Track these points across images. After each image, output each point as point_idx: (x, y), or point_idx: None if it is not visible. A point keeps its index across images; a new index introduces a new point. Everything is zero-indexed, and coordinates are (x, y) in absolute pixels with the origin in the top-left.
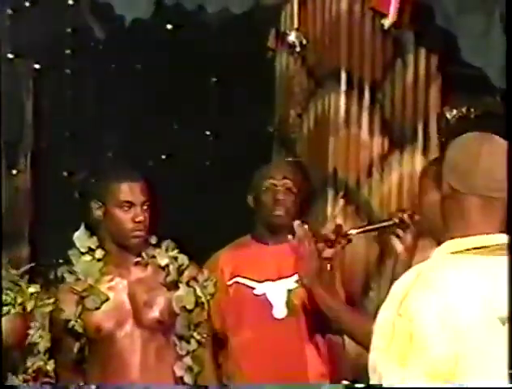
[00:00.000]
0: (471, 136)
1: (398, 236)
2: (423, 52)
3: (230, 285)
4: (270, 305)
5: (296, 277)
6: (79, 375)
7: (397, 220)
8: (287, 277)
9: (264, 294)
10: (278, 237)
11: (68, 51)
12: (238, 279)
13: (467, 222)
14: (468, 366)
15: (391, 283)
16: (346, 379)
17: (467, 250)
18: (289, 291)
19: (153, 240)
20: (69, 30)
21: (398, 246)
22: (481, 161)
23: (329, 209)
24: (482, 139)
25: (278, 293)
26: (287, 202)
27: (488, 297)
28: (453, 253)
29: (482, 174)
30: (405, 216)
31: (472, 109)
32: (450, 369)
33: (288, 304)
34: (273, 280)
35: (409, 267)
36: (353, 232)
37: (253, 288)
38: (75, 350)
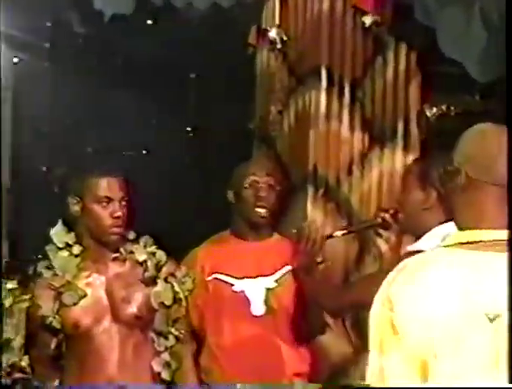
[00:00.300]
0: (486, 126)
1: (381, 235)
2: (403, 49)
3: (209, 281)
4: (249, 302)
5: (276, 276)
6: (57, 371)
7: (380, 220)
8: (266, 275)
9: (243, 291)
10: (258, 233)
11: (47, 45)
12: (217, 275)
13: (482, 212)
14: (445, 357)
15: (375, 282)
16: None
17: (461, 243)
18: (268, 289)
19: (131, 236)
20: (48, 24)
21: (383, 246)
22: (503, 150)
23: (309, 206)
24: (498, 129)
25: (256, 291)
26: (269, 199)
27: (473, 292)
28: (445, 246)
29: (503, 163)
30: (387, 216)
31: (452, 107)
32: (425, 358)
33: (267, 302)
34: (252, 277)
35: (395, 264)
36: (338, 233)
37: (232, 285)
38: (53, 346)
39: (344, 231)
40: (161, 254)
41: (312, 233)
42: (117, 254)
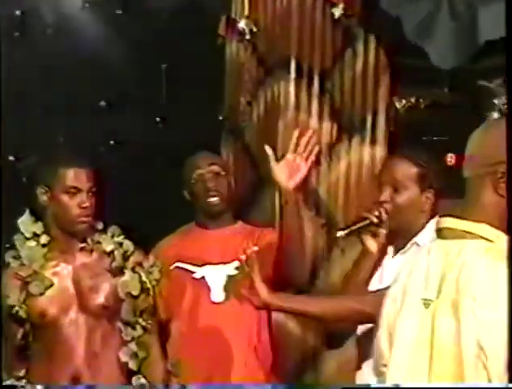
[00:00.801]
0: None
1: (374, 233)
2: (372, 41)
3: (172, 270)
4: (209, 289)
5: (237, 263)
6: (24, 362)
7: (375, 219)
8: (227, 263)
9: (203, 278)
10: (218, 221)
11: (17, 34)
12: (179, 263)
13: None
14: (396, 342)
15: (367, 282)
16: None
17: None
18: (229, 276)
19: (99, 226)
20: (17, 12)
21: (373, 245)
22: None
23: (277, 197)
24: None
25: (217, 277)
26: (218, 186)
27: (421, 279)
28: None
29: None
30: (383, 212)
31: (421, 100)
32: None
33: (227, 288)
34: (213, 264)
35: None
36: (341, 233)
37: (193, 272)
38: (19, 336)
39: (347, 230)
40: (128, 244)
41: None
42: (84, 244)
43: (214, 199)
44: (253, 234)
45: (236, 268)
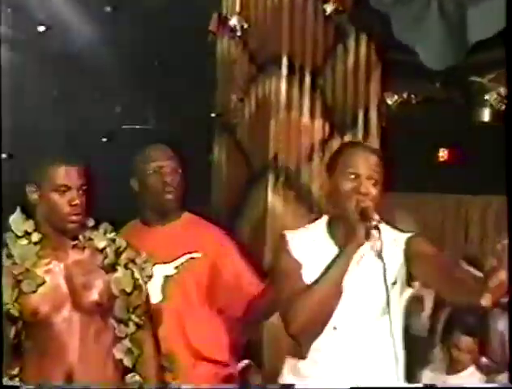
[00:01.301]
0: None
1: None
2: (364, 38)
3: None
4: None
5: (176, 263)
6: (17, 360)
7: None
8: (166, 262)
9: None
10: (165, 218)
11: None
12: None
13: None
14: None
15: None
16: None
17: None
18: (166, 277)
19: (90, 223)
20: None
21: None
22: None
23: (269, 194)
24: None
25: (155, 278)
26: (174, 182)
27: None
28: None
29: None
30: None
31: (413, 95)
32: None
33: (164, 290)
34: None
35: None
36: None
37: None
38: (12, 334)
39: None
40: (121, 241)
41: None
42: (76, 242)
43: (170, 196)
44: (195, 232)
45: (176, 267)
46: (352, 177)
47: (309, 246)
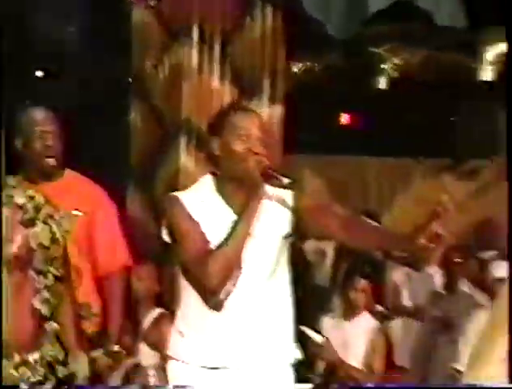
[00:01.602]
0: None
1: None
2: (269, 8)
3: None
4: None
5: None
6: None
7: None
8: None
9: None
10: (48, 177)
11: None
12: None
13: None
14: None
15: None
16: None
17: None
18: None
19: (11, 181)
20: None
21: None
22: None
23: (182, 156)
24: None
25: None
26: (56, 147)
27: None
28: None
29: None
30: None
31: (316, 64)
32: None
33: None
34: None
35: None
36: None
37: None
38: None
39: None
40: (40, 197)
41: None
42: None
43: (50, 160)
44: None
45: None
46: (244, 138)
47: (199, 206)
